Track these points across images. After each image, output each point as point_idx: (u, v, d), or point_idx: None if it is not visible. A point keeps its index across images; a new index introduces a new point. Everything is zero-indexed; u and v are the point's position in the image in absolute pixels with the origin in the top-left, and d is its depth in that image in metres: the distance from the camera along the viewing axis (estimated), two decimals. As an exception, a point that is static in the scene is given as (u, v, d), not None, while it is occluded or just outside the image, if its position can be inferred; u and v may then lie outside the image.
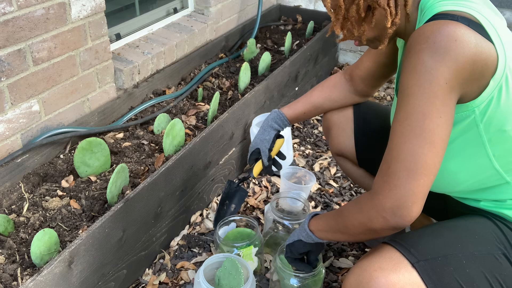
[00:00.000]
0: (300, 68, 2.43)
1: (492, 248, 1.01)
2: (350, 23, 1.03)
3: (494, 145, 1.01)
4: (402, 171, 0.92)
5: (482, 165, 1.04)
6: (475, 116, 0.97)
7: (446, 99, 0.91)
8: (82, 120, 1.84)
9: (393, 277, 0.95)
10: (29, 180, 1.60)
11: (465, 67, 0.90)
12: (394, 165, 0.93)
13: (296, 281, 1.34)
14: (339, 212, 1.09)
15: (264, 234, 1.63)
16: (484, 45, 0.91)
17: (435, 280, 0.95)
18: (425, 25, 0.94)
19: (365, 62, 1.39)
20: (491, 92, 0.94)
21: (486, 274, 0.97)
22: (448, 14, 0.93)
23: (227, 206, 1.54)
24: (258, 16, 2.74)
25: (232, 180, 1.48)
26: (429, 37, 0.90)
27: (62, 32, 1.67)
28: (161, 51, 2.15)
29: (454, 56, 0.88)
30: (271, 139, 1.45)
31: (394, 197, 0.92)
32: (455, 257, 0.98)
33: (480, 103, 0.95)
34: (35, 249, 1.27)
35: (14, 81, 1.55)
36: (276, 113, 1.48)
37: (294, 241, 1.22)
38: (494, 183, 1.06)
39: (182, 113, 2.05)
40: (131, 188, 1.53)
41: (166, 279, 1.54)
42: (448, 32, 0.89)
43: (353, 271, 1.02)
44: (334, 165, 2.11)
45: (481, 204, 1.10)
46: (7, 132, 1.57)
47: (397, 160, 0.93)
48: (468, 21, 0.91)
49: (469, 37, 0.89)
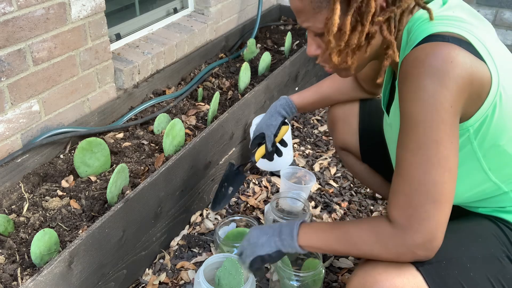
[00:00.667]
0: (300, 68, 2.43)
1: (495, 251, 1.00)
2: (347, 51, 0.98)
3: (489, 160, 1.00)
4: (429, 203, 0.89)
5: (479, 179, 1.03)
6: (469, 134, 0.96)
7: (453, 123, 0.90)
8: (82, 120, 1.84)
9: (397, 280, 0.94)
10: (29, 180, 1.60)
11: (465, 88, 0.88)
12: (418, 198, 0.90)
13: (296, 281, 1.34)
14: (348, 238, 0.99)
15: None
16: (477, 64, 0.89)
17: (439, 283, 0.95)
18: (417, 49, 0.91)
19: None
20: (486, 111, 0.93)
21: (489, 277, 0.97)
22: (439, 35, 0.91)
23: (225, 189, 1.53)
24: (258, 16, 2.75)
25: (232, 162, 1.48)
26: (425, 61, 0.88)
27: (62, 32, 1.67)
28: (161, 51, 2.15)
29: (453, 78, 0.87)
30: (277, 125, 1.44)
31: (425, 231, 0.90)
32: (459, 260, 0.97)
33: (474, 122, 0.94)
34: (35, 249, 1.27)
35: (14, 81, 1.55)
36: (285, 99, 1.48)
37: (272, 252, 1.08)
38: (492, 194, 1.06)
39: (182, 113, 2.05)
40: (131, 188, 1.53)
41: (166, 279, 1.54)
42: (442, 54, 0.87)
43: (357, 274, 1.00)
44: (334, 165, 2.11)
45: (480, 210, 1.10)
46: (7, 132, 1.57)
47: (420, 192, 0.90)
48: (460, 41, 0.90)
49: (463, 57, 0.88)
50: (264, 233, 1.10)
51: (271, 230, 1.10)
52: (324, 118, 2.49)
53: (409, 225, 0.90)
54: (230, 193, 1.52)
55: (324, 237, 1.03)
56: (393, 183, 0.95)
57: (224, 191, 1.52)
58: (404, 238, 0.91)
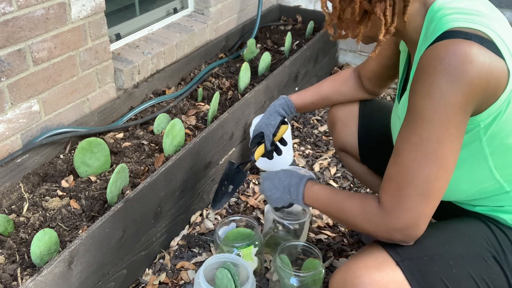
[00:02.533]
0: (300, 68, 2.43)
1: (481, 251, 1.01)
2: (345, 25, 1.02)
3: (496, 158, 1.01)
4: (416, 195, 0.94)
5: (483, 176, 1.04)
6: (479, 129, 0.97)
7: (460, 123, 0.91)
8: (82, 120, 1.84)
9: (376, 275, 0.97)
10: (29, 180, 1.60)
11: (479, 88, 0.89)
12: (407, 189, 0.95)
13: (296, 281, 1.34)
14: (339, 204, 1.09)
15: (264, 234, 1.63)
16: (497, 63, 0.89)
17: (419, 279, 0.97)
18: (438, 45, 0.91)
19: (370, 63, 1.40)
20: (499, 107, 0.93)
21: (473, 275, 0.98)
22: (461, 32, 0.90)
23: (225, 187, 1.53)
24: (258, 16, 2.75)
25: (232, 161, 1.49)
26: (444, 59, 0.89)
27: (62, 32, 1.67)
28: (161, 51, 2.15)
29: (469, 79, 0.87)
30: (276, 124, 1.45)
31: (406, 219, 0.95)
32: (441, 257, 0.99)
33: (486, 117, 0.95)
34: (35, 249, 1.27)
35: (14, 81, 1.55)
36: (284, 99, 1.48)
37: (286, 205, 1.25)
38: (493, 192, 1.06)
39: (182, 113, 2.05)
40: (131, 188, 1.53)
41: (166, 279, 1.54)
42: (462, 53, 0.87)
43: (340, 269, 1.04)
44: (334, 165, 2.11)
45: (477, 209, 1.11)
46: (7, 132, 1.57)
47: (411, 184, 0.94)
48: (481, 39, 0.89)
49: (483, 57, 0.88)
50: (276, 188, 1.24)
51: (281, 185, 1.23)
52: (324, 118, 2.49)
53: (393, 210, 0.96)
54: (230, 191, 1.52)
55: (322, 200, 1.15)
56: (388, 169, 0.99)
57: (224, 190, 1.53)
58: (385, 220, 0.98)
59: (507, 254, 1.01)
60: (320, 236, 1.73)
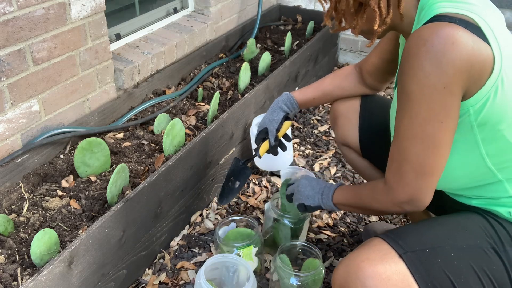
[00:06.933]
0: (300, 68, 2.43)
1: (481, 242, 1.03)
2: (341, 16, 1.07)
3: (487, 144, 1.02)
4: (411, 172, 1.01)
5: (475, 163, 1.06)
6: (470, 115, 0.99)
7: (446, 103, 0.94)
8: (82, 120, 1.84)
9: (380, 267, 0.98)
10: (29, 180, 1.60)
11: (463, 70, 0.91)
12: (404, 166, 1.02)
13: (296, 281, 1.34)
14: (358, 194, 1.19)
15: (264, 233, 1.63)
16: (481, 46, 0.92)
17: (422, 270, 0.98)
18: (423, 27, 0.95)
19: (372, 57, 1.43)
20: (487, 92, 0.95)
21: (474, 267, 1.00)
22: (446, 16, 0.94)
23: (232, 183, 1.55)
24: (258, 16, 2.75)
25: (238, 158, 1.50)
26: (427, 40, 0.92)
27: (62, 32, 1.67)
28: (161, 51, 2.15)
29: (451, 60, 0.90)
30: (279, 120, 1.48)
31: (407, 193, 1.03)
32: (443, 249, 1.01)
33: (475, 103, 0.97)
34: (35, 249, 1.27)
35: (14, 81, 1.55)
36: (287, 95, 1.51)
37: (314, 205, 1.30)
38: (487, 181, 1.08)
39: (182, 113, 2.05)
40: (131, 188, 1.53)
41: (166, 279, 1.54)
42: (445, 34, 0.91)
43: (343, 262, 1.05)
44: (334, 165, 2.11)
45: (474, 202, 1.12)
46: (7, 132, 1.57)
47: (406, 162, 1.01)
48: (466, 23, 0.92)
49: (466, 39, 0.91)
50: (312, 188, 1.32)
51: (318, 187, 1.31)
52: (324, 118, 2.49)
53: (396, 186, 1.05)
54: (237, 187, 1.55)
55: (347, 197, 1.22)
56: (391, 150, 1.06)
57: (231, 185, 1.55)
58: (390, 195, 1.06)
59: (505, 245, 1.03)
60: (320, 236, 1.73)
